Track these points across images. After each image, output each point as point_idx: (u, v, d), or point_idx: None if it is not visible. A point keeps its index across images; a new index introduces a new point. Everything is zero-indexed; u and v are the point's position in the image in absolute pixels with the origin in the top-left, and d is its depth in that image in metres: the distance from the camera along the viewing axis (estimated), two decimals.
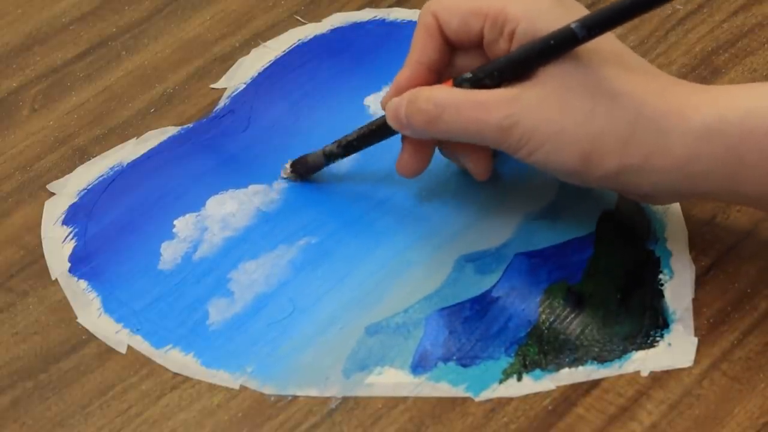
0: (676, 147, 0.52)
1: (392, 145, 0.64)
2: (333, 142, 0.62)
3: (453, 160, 0.61)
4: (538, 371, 0.55)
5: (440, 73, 0.58)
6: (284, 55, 0.71)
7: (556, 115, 0.53)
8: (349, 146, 0.61)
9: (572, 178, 0.55)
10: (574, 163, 0.54)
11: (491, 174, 0.60)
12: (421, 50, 0.58)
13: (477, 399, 0.54)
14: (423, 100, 0.56)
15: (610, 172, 0.54)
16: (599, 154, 0.53)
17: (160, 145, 0.67)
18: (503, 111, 0.54)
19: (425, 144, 0.59)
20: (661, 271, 0.58)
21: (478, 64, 0.57)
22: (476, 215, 0.61)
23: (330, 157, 0.62)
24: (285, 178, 0.64)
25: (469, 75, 0.56)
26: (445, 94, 0.56)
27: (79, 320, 0.59)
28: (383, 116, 0.59)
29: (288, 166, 0.64)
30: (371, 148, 0.63)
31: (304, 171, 0.63)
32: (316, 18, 0.73)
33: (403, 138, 0.59)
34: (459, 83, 0.56)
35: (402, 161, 0.59)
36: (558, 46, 0.53)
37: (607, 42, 0.55)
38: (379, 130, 0.60)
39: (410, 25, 0.72)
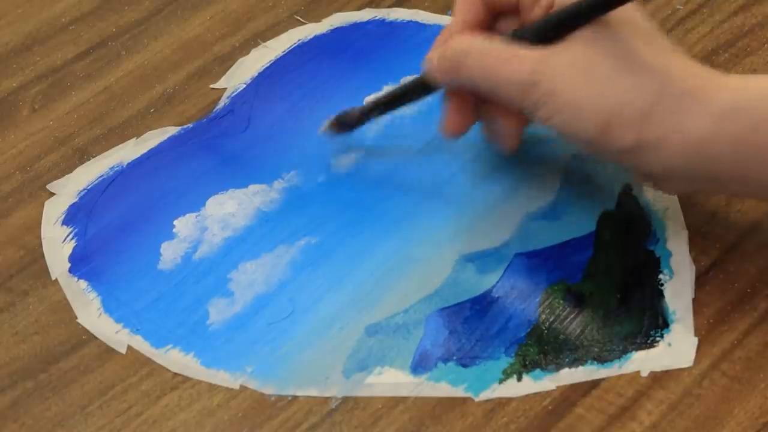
0: (694, 126, 0.52)
1: (393, 146, 0.64)
2: (372, 101, 0.63)
3: (486, 128, 0.60)
4: (538, 371, 0.55)
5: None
6: (284, 55, 0.71)
7: (580, 81, 0.53)
8: (387, 104, 0.62)
9: (588, 148, 0.55)
10: (592, 132, 0.53)
11: (517, 147, 0.60)
12: (462, 13, 0.59)
13: (477, 399, 0.54)
14: (452, 46, 0.57)
15: (626, 146, 0.53)
16: (618, 126, 0.53)
17: (160, 145, 0.67)
18: (527, 67, 0.54)
19: (464, 103, 0.59)
20: (661, 271, 0.58)
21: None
22: (476, 215, 0.61)
23: (368, 113, 0.63)
24: (323, 132, 0.64)
25: (502, 37, 0.57)
26: (474, 41, 0.57)
27: (79, 320, 0.59)
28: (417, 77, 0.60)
29: (328, 121, 0.64)
30: (371, 148, 0.63)
31: (344, 128, 0.64)
32: (316, 18, 0.73)
33: (444, 98, 0.59)
34: None
35: (444, 121, 0.59)
36: (588, 12, 0.54)
37: (639, 17, 0.55)
38: (414, 88, 0.61)
39: (410, 25, 0.72)
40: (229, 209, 0.63)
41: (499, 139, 0.60)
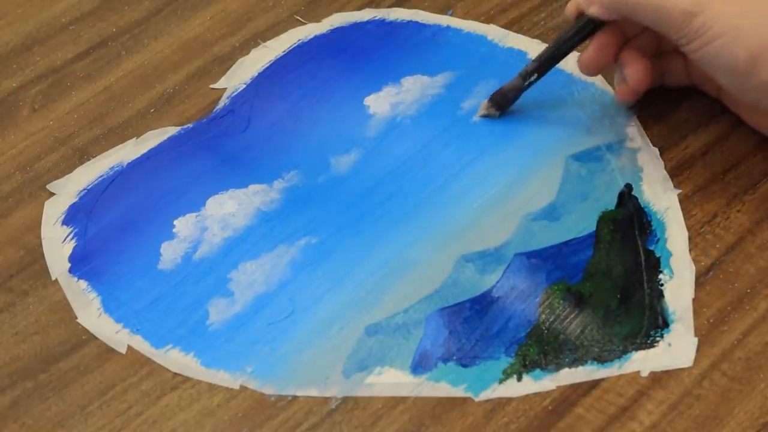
0: None
1: (393, 146, 0.64)
2: (528, 64, 0.64)
3: (618, 74, 0.64)
4: (538, 371, 0.55)
5: None
6: (284, 55, 0.71)
7: (738, 12, 0.57)
8: (545, 61, 0.64)
9: (733, 80, 0.59)
10: (741, 62, 0.57)
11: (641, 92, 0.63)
12: None
13: (477, 399, 0.54)
14: None
15: None
16: (766, 58, 0.56)
17: (160, 145, 0.67)
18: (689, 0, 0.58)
19: (607, 46, 0.63)
20: (661, 271, 0.58)
21: None
22: (476, 215, 0.61)
23: (528, 76, 0.64)
24: (484, 116, 0.65)
25: None
26: None
27: (79, 320, 0.59)
28: (571, 25, 0.63)
29: (486, 102, 0.65)
30: (371, 148, 0.63)
31: (504, 102, 0.65)
32: (316, 18, 0.73)
33: (594, 36, 0.63)
34: None
35: (586, 58, 0.63)
36: None
37: None
38: (571, 36, 0.63)
39: (410, 25, 0.72)
40: (229, 209, 0.63)
41: (626, 86, 0.63)
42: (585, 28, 0.63)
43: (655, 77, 0.64)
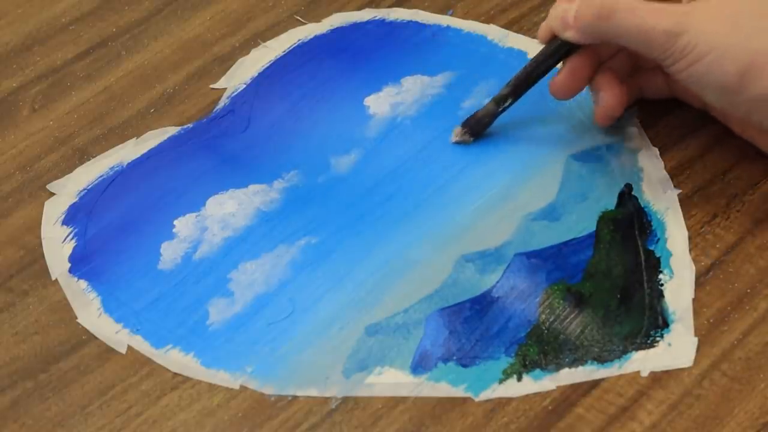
0: None
1: (393, 146, 0.64)
2: (502, 88, 0.63)
3: (593, 97, 0.63)
4: (538, 371, 0.55)
5: None
6: (284, 55, 0.71)
7: (724, 28, 0.56)
8: (519, 84, 0.63)
9: (722, 97, 0.58)
10: (731, 78, 0.56)
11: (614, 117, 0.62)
12: None
13: (477, 399, 0.54)
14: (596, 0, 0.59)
15: (761, 94, 0.56)
16: (757, 72, 0.56)
17: (160, 145, 0.67)
18: (675, 18, 0.57)
19: (580, 70, 0.61)
20: (661, 271, 0.58)
21: None
22: (476, 215, 0.61)
23: (502, 101, 0.63)
24: (457, 142, 0.64)
25: None
26: None
27: (79, 320, 0.59)
28: (544, 47, 0.62)
29: (458, 128, 0.64)
30: (371, 148, 0.63)
31: (478, 127, 0.64)
32: (316, 18, 0.73)
33: (565, 60, 0.62)
34: None
35: (558, 82, 0.62)
36: None
37: None
38: (545, 59, 0.62)
39: (410, 25, 0.72)
40: (229, 209, 0.63)
41: (600, 110, 0.62)
42: (559, 50, 0.61)
43: (633, 94, 0.63)
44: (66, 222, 0.63)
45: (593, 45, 0.61)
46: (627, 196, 0.61)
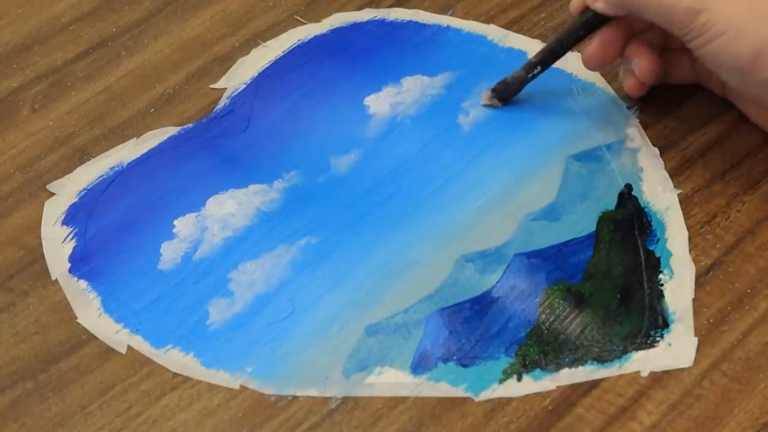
0: None
1: (393, 146, 0.64)
2: (534, 56, 0.65)
3: (623, 69, 0.65)
4: (538, 371, 0.55)
5: None
6: (284, 55, 0.71)
7: (742, 12, 0.58)
8: (549, 53, 0.64)
9: (736, 77, 0.59)
10: (745, 58, 0.57)
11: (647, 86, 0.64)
12: None
13: (477, 399, 0.54)
14: None
15: None
16: None
17: (160, 145, 0.67)
18: None
19: (612, 41, 0.63)
20: (661, 271, 0.58)
21: None
22: (476, 215, 0.61)
23: (531, 68, 0.65)
24: (486, 105, 0.65)
25: None
26: None
27: (79, 320, 0.59)
28: (576, 18, 0.63)
29: (487, 92, 0.65)
30: (371, 148, 0.63)
31: (507, 93, 0.65)
32: (316, 18, 0.73)
33: (599, 30, 0.63)
34: None
35: (589, 51, 0.63)
36: None
37: None
38: (576, 30, 0.63)
39: (410, 25, 0.72)
40: (229, 209, 0.63)
41: (634, 79, 0.63)
42: (591, 23, 0.63)
43: (660, 74, 0.64)
44: (66, 222, 0.63)
45: (624, 17, 0.62)
46: (627, 196, 0.61)
